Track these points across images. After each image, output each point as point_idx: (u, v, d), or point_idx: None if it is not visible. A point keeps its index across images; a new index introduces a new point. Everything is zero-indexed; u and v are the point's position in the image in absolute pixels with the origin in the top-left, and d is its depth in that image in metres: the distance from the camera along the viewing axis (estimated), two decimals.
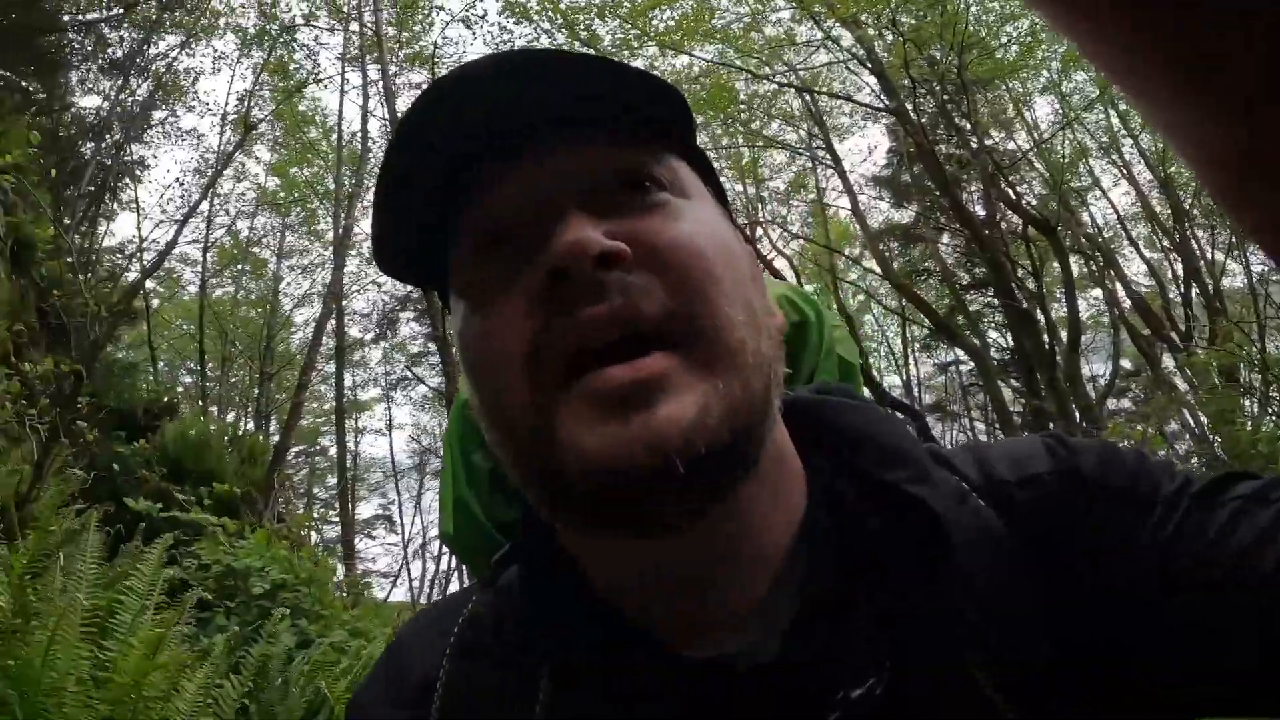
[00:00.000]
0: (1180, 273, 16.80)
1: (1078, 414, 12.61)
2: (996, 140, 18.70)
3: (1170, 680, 0.60)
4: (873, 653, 0.63)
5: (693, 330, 0.61)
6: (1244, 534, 0.59)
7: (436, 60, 17.94)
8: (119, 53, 16.43)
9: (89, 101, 17.00)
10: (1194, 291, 15.85)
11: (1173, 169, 16.48)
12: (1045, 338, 14.15)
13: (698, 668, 0.66)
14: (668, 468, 0.56)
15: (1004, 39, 14.43)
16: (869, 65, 15.13)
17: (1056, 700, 0.62)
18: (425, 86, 0.65)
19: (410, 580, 25.20)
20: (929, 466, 0.70)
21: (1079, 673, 0.62)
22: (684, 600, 0.68)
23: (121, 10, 15.26)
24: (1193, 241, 16.42)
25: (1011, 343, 17.42)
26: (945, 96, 14.31)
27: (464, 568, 1.59)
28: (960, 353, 21.75)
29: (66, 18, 14.69)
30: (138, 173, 18.26)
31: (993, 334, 22.00)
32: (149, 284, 16.61)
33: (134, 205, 17.57)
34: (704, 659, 0.66)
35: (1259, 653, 0.56)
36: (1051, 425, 13.20)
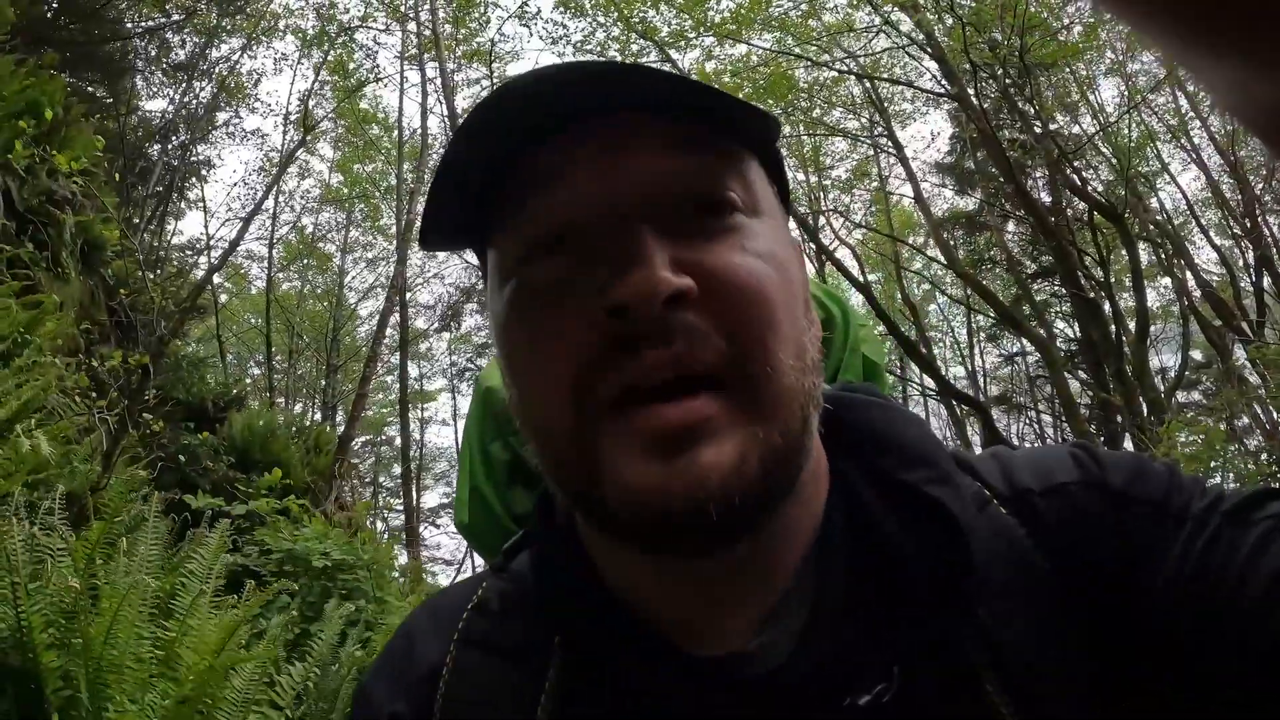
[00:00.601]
0: (1252, 260, 16.24)
1: (1145, 407, 12.27)
2: (1061, 125, 18.22)
3: (1182, 691, 0.60)
4: (882, 657, 0.63)
5: (743, 376, 0.61)
6: (1276, 554, 0.58)
7: (494, 56, 18.13)
8: (182, 57, 16.90)
9: (154, 105, 17.61)
10: (1266, 280, 15.33)
11: (1243, 153, 15.95)
12: (1112, 328, 13.81)
13: (707, 667, 0.67)
14: (703, 512, 0.57)
15: (1066, 20, 14.10)
16: (929, 50, 14.88)
17: (1065, 707, 0.61)
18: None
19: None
20: (951, 469, 0.70)
21: (1090, 681, 0.62)
22: (701, 604, 0.68)
23: (183, 16, 15.63)
24: (1265, 228, 15.86)
25: (1078, 333, 17.00)
26: (1007, 80, 13.97)
27: None
28: (1026, 343, 21.29)
29: (129, 25, 15.06)
30: (203, 173, 18.82)
31: (1059, 324, 21.53)
32: (217, 279, 17.06)
33: (201, 204, 18.10)
34: (713, 658, 0.67)
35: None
36: (1119, 418, 12.90)
